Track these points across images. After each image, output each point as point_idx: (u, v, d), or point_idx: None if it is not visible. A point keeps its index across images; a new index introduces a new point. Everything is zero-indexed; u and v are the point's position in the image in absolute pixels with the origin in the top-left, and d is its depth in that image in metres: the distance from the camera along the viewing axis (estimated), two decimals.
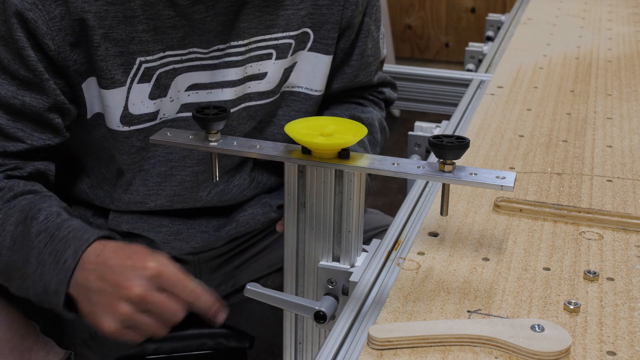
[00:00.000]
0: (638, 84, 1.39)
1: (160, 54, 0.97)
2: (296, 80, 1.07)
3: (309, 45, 1.06)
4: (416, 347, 0.69)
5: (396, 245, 0.88)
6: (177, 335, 1.21)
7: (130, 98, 0.97)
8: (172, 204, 1.07)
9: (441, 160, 0.73)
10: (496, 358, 0.68)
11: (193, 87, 1.00)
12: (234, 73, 1.01)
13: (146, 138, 1.00)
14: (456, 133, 1.17)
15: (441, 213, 0.75)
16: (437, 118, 1.36)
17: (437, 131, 1.25)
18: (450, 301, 0.76)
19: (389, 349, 0.69)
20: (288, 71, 1.06)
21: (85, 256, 0.86)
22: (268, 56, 1.03)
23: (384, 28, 3.40)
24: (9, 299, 1.02)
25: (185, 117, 1.01)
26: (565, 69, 1.46)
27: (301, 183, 0.81)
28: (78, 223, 0.91)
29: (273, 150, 0.79)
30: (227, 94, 1.02)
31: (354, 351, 0.71)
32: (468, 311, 0.75)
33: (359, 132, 0.77)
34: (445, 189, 0.75)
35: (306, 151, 0.77)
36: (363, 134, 0.77)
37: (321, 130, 0.77)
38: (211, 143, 0.80)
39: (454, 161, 0.73)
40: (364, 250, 0.86)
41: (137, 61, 0.96)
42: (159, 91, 0.98)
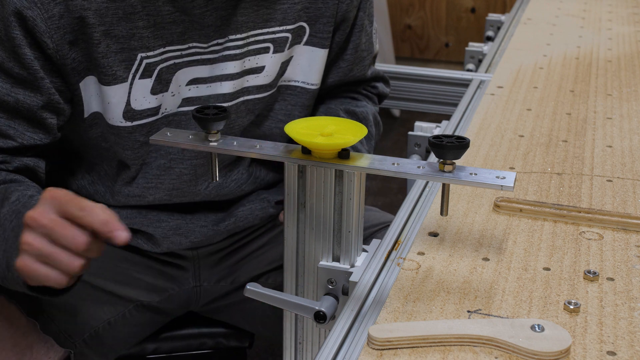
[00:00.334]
0: (638, 84, 1.39)
1: (160, 49, 0.98)
2: (293, 74, 1.09)
3: (305, 39, 1.07)
4: (416, 347, 0.69)
5: (396, 245, 0.88)
6: (177, 334, 1.22)
7: (132, 94, 0.98)
8: (171, 198, 1.07)
9: (441, 160, 0.73)
10: (496, 358, 0.68)
11: (193, 82, 1.02)
12: (233, 67, 1.02)
13: (149, 133, 1.01)
14: (456, 133, 1.17)
15: (441, 213, 0.75)
16: (437, 118, 1.36)
17: (437, 131, 1.25)
18: (450, 301, 0.76)
19: (389, 349, 0.69)
20: (285, 65, 1.07)
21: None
22: (265, 50, 1.04)
23: (384, 28, 3.41)
24: (10, 297, 1.02)
25: (186, 112, 1.02)
26: (565, 69, 1.46)
27: (301, 183, 0.81)
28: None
29: (273, 150, 0.79)
30: (226, 88, 1.03)
31: (354, 351, 0.71)
32: (468, 311, 0.75)
33: (359, 132, 0.77)
34: (445, 189, 0.75)
35: (306, 151, 0.77)
36: (363, 134, 0.77)
37: (321, 130, 0.77)
38: (211, 143, 0.80)
39: (454, 161, 0.73)
40: (364, 250, 0.86)
41: (138, 57, 0.97)
42: (161, 86, 0.99)
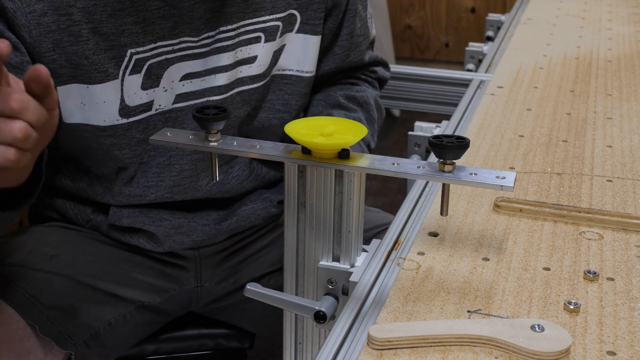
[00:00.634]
0: (638, 84, 1.39)
1: (151, 45, 0.98)
2: (286, 63, 1.09)
3: (297, 27, 1.08)
4: (416, 347, 0.69)
5: (396, 245, 0.88)
6: (177, 335, 1.21)
7: (124, 90, 0.99)
8: (172, 195, 1.07)
9: (441, 160, 0.73)
10: (496, 358, 0.68)
11: (187, 77, 1.02)
12: (226, 58, 1.03)
13: (145, 129, 1.02)
14: (456, 133, 1.17)
15: (441, 213, 0.75)
16: (437, 118, 1.35)
17: (437, 131, 1.25)
18: (450, 301, 0.76)
19: (389, 349, 0.69)
20: (277, 54, 1.08)
21: None
22: (257, 39, 1.05)
23: (384, 28, 3.41)
24: (8, 301, 1.02)
25: (181, 107, 1.03)
26: (565, 69, 1.46)
27: (301, 183, 0.81)
28: None
29: (273, 150, 0.79)
30: (220, 80, 1.03)
31: (354, 351, 0.71)
32: (468, 311, 0.75)
33: (359, 132, 0.77)
34: (445, 189, 0.75)
35: (306, 151, 0.77)
36: (363, 134, 0.77)
37: (321, 130, 0.77)
38: (211, 143, 0.80)
39: (454, 161, 0.73)
40: (364, 250, 0.86)
41: (128, 53, 0.97)
42: (151, 81, 1.00)
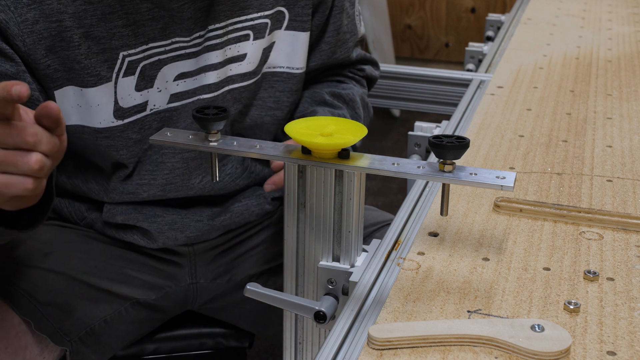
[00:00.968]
0: (638, 84, 1.39)
1: (143, 47, 0.99)
2: (276, 60, 1.10)
3: (285, 24, 1.09)
4: (416, 347, 0.69)
5: (396, 245, 0.88)
6: (177, 334, 1.22)
7: (118, 92, 1.00)
8: (165, 193, 1.08)
9: (441, 160, 0.73)
10: (496, 358, 0.68)
11: (180, 77, 1.03)
12: (215, 56, 1.04)
13: (141, 130, 1.03)
14: (456, 133, 1.17)
15: (441, 213, 0.75)
16: (437, 118, 1.36)
17: (437, 131, 1.25)
18: (450, 301, 0.76)
19: (389, 349, 0.69)
20: (267, 51, 1.09)
21: None
22: (246, 37, 1.06)
23: (384, 28, 3.41)
24: (4, 297, 1.02)
25: (176, 107, 1.04)
26: (565, 69, 1.46)
27: (301, 183, 0.81)
28: None
29: (273, 150, 0.79)
30: (211, 78, 1.04)
31: (354, 351, 0.71)
32: (468, 311, 0.75)
33: (359, 132, 0.77)
34: (445, 189, 0.75)
35: (306, 151, 0.77)
36: (363, 134, 0.77)
37: (321, 130, 0.77)
38: (211, 143, 0.80)
39: (454, 161, 0.73)
40: (364, 250, 0.86)
41: (120, 56, 0.98)
42: (145, 82, 1.01)
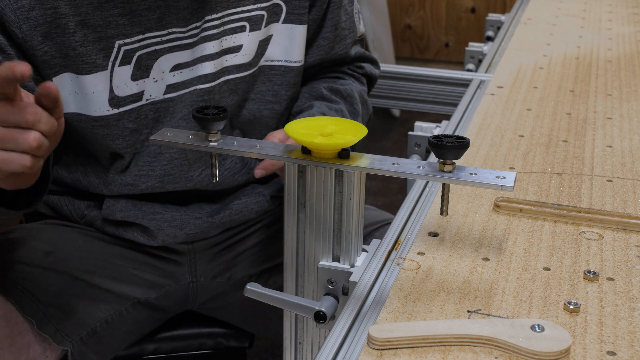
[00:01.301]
0: (638, 84, 1.39)
1: (139, 37, 1.00)
2: (274, 54, 1.11)
3: (283, 17, 1.09)
4: (416, 347, 0.69)
5: (396, 245, 0.88)
6: (177, 334, 1.22)
7: (113, 81, 1.00)
8: (163, 185, 1.08)
9: (441, 160, 0.73)
10: (496, 358, 0.68)
11: (177, 67, 1.04)
12: (211, 47, 1.05)
13: (137, 119, 1.03)
14: (456, 133, 1.17)
15: (441, 213, 0.75)
16: (437, 118, 1.36)
17: (437, 131, 1.25)
18: (450, 301, 0.76)
19: (389, 349, 0.69)
20: (264, 43, 1.09)
21: None
22: (242, 28, 1.07)
23: (384, 28, 3.41)
24: (7, 296, 1.02)
25: (172, 98, 1.05)
26: (565, 69, 1.46)
27: (301, 183, 0.81)
28: None
29: (273, 150, 0.79)
30: (207, 68, 1.05)
31: (354, 351, 0.71)
32: (468, 311, 0.75)
33: (359, 132, 0.77)
34: (445, 189, 0.75)
35: (306, 151, 0.77)
36: (363, 134, 0.77)
37: (321, 130, 0.77)
38: (211, 143, 0.80)
39: (454, 161, 0.73)
40: (364, 250, 0.86)
41: (116, 45, 0.99)
42: (141, 72, 1.02)
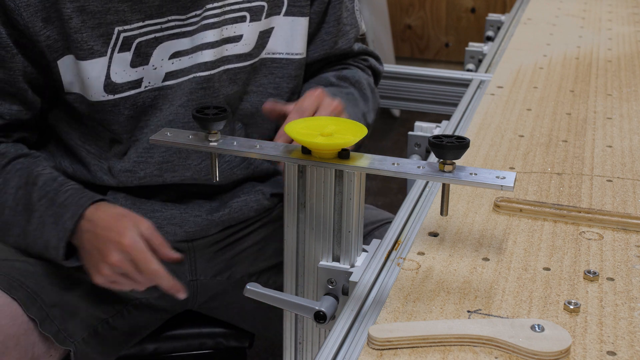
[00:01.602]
0: (638, 84, 1.39)
1: (139, 24, 1.01)
2: (275, 46, 1.11)
3: (284, 9, 1.10)
4: (416, 347, 0.69)
5: (396, 245, 0.88)
6: (177, 334, 1.21)
7: (112, 67, 1.01)
8: (162, 173, 1.08)
9: (441, 160, 0.73)
10: (496, 358, 0.68)
11: (176, 55, 1.04)
12: (212, 35, 1.05)
13: (134, 106, 1.04)
14: (456, 133, 1.17)
15: (441, 213, 0.76)
16: (437, 118, 1.36)
17: (437, 131, 1.25)
18: (450, 301, 0.76)
19: (389, 349, 0.69)
20: (265, 35, 1.10)
21: (81, 219, 0.99)
22: (242, 19, 1.07)
23: (384, 28, 3.41)
24: (12, 296, 1.02)
25: (171, 85, 1.05)
26: (565, 69, 1.46)
27: (301, 183, 0.81)
28: (72, 188, 1.02)
29: (273, 150, 0.79)
30: (207, 56, 1.06)
31: (354, 351, 0.71)
32: (468, 311, 0.75)
33: (359, 132, 0.77)
34: (445, 189, 0.75)
35: (306, 151, 0.77)
36: (363, 134, 0.77)
37: (321, 130, 0.77)
38: (211, 143, 0.80)
39: (454, 161, 0.73)
40: (364, 250, 0.86)
41: (116, 31, 1.00)
42: (140, 59, 1.02)
